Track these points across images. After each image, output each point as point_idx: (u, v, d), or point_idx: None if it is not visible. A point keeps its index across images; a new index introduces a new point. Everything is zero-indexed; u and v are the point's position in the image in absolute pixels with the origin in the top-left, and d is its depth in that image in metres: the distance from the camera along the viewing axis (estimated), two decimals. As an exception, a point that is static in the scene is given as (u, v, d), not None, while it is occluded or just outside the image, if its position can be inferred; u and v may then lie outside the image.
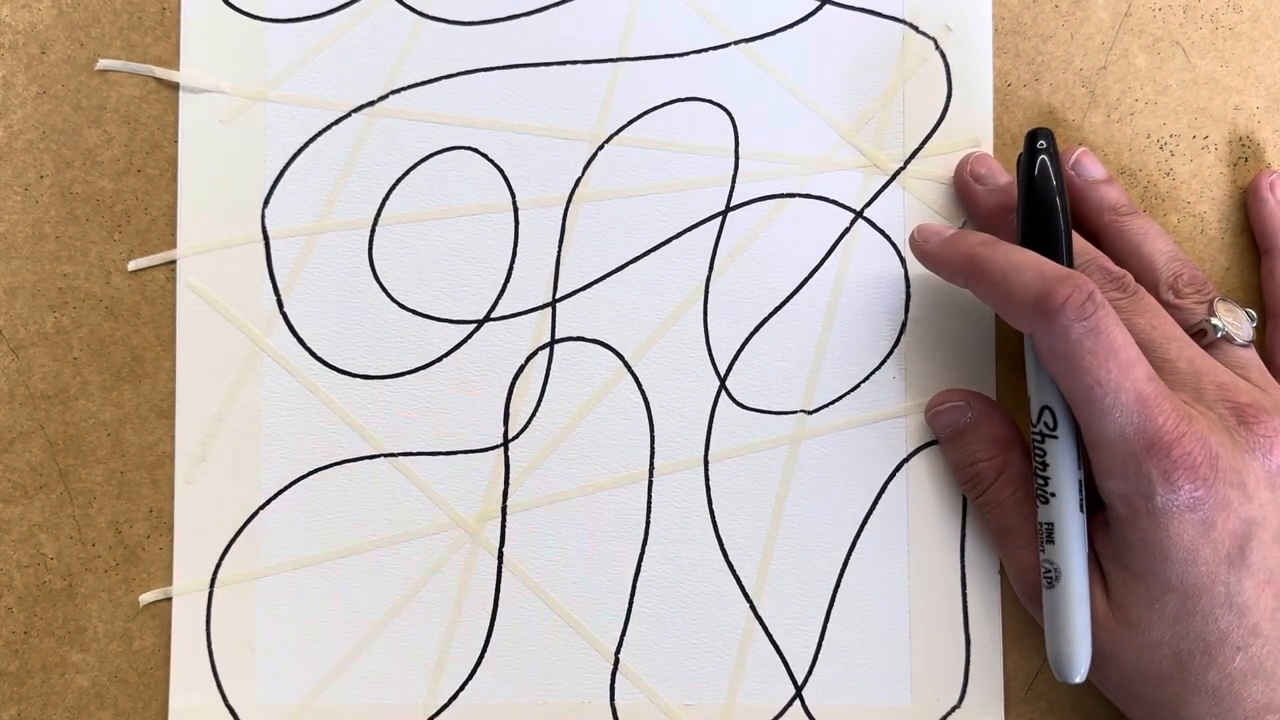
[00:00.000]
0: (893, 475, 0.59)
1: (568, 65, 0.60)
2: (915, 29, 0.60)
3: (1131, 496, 0.50)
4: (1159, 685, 0.51)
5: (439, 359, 0.59)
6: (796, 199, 0.59)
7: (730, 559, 0.58)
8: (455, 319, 0.59)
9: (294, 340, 0.59)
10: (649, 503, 0.59)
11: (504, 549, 0.58)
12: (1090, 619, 0.52)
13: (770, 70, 0.60)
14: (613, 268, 0.59)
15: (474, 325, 0.59)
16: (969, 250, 0.54)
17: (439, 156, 0.60)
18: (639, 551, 0.58)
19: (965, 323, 0.59)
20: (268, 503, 0.59)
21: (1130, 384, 0.49)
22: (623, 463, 0.59)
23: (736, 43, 0.60)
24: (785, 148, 0.60)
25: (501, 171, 0.59)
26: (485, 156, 0.60)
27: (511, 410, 0.59)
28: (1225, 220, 0.60)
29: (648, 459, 0.59)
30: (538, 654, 0.58)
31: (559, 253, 0.59)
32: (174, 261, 0.59)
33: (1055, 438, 0.52)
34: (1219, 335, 0.54)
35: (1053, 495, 0.52)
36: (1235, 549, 0.49)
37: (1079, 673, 0.51)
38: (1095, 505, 0.53)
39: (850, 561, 0.58)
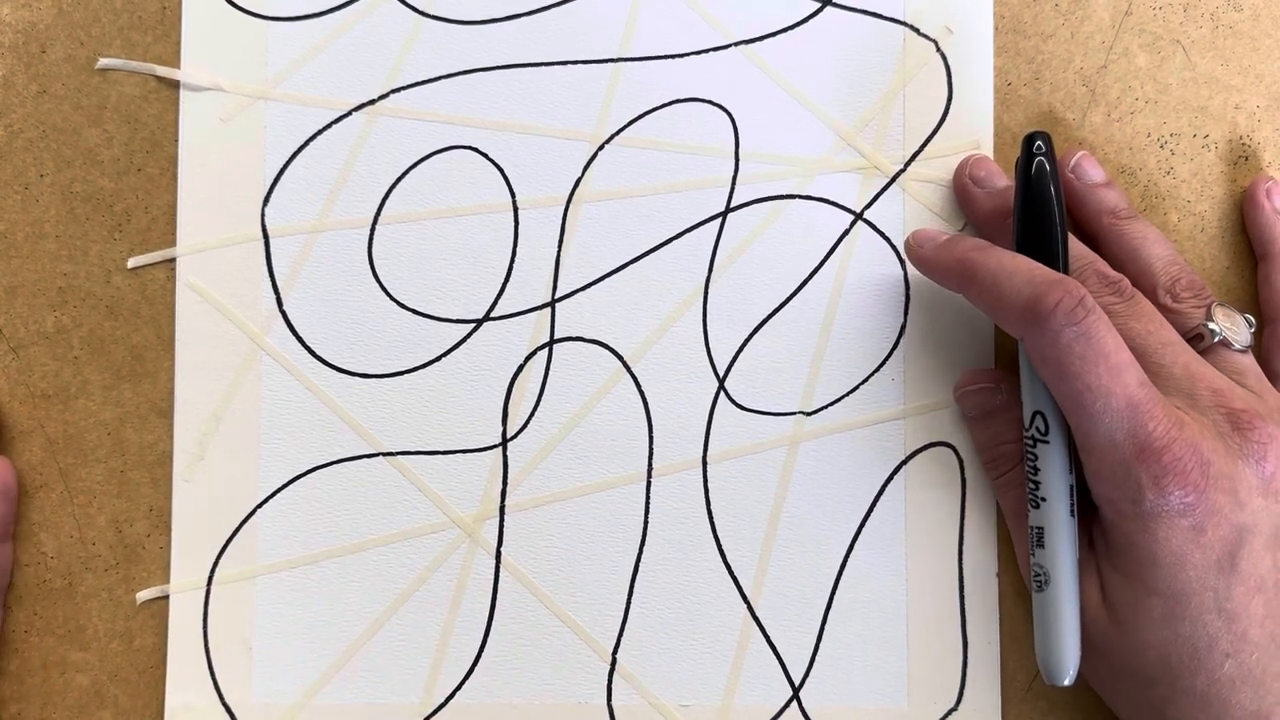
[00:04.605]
0: (891, 477, 0.59)
1: (568, 65, 0.60)
2: (916, 31, 0.60)
3: (1120, 501, 0.50)
4: (1147, 686, 0.51)
5: (438, 358, 0.59)
6: (796, 200, 0.59)
7: (728, 560, 0.59)
8: (454, 318, 0.59)
9: (293, 339, 0.59)
10: (647, 503, 0.59)
11: (502, 548, 0.59)
12: (1083, 616, 0.52)
13: (771, 71, 0.60)
14: (612, 268, 0.59)
15: (473, 325, 0.59)
16: (962, 255, 0.54)
17: (439, 156, 0.60)
18: (637, 552, 0.59)
19: (964, 326, 0.59)
20: (266, 501, 0.59)
21: (1121, 389, 0.49)
22: (621, 463, 0.59)
23: (737, 44, 0.60)
24: (785, 149, 0.60)
25: (501, 171, 0.59)
26: (485, 156, 0.60)
27: (510, 410, 0.59)
28: (1225, 219, 0.60)
29: (646, 459, 0.59)
30: (535, 654, 0.58)
31: (558, 253, 0.59)
32: (174, 260, 0.59)
33: (1047, 443, 0.52)
34: (1216, 340, 0.54)
35: (1043, 500, 0.52)
36: (1225, 555, 0.49)
37: (1067, 676, 0.52)
38: (1094, 505, 0.53)
39: (848, 563, 0.59)
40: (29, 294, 0.58)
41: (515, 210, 0.59)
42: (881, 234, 0.59)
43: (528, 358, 0.59)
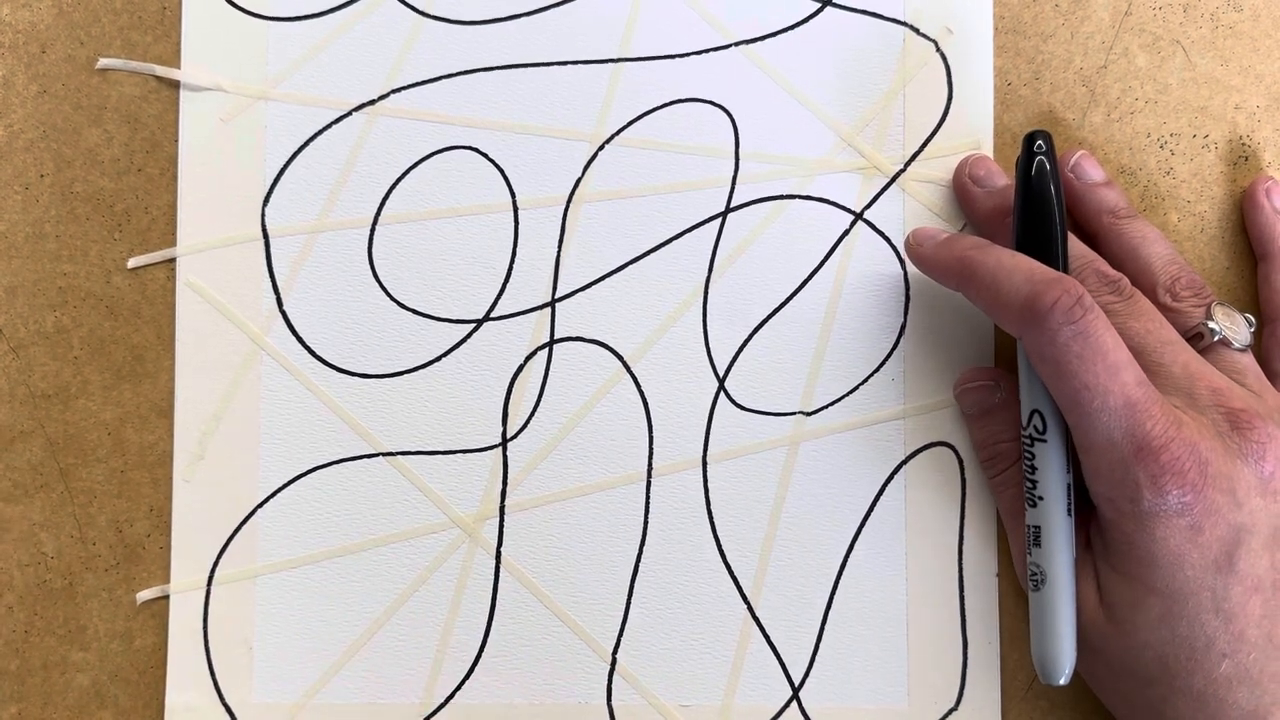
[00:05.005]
0: (891, 477, 0.59)
1: (568, 65, 0.60)
2: (916, 31, 0.60)
3: (1118, 500, 0.50)
4: (1144, 685, 0.51)
5: (438, 358, 0.59)
6: (796, 200, 0.59)
7: (728, 560, 0.59)
8: (454, 318, 0.59)
9: (293, 339, 0.59)
10: (647, 503, 0.59)
11: (502, 549, 0.59)
12: (1079, 616, 0.52)
13: (771, 72, 0.60)
14: (612, 268, 0.59)
15: (473, 325, 0.59)
16: (961, 254, 0.54)
17: (439, 156, 0.60)
18: (637, 552, 0.59)
19: (964, 326, 0.59)
20: (266, 501, 0.59)
21: (1118, 388, 0.49)
22: (621, 463, 0.59)
23: (737, 44, 0.60)
24: (785, 149, 0.60)
25: (501, 171, 0.59)
26: (485, 156, 0.60)
27: (510, 410, 0.59)
28: (1225, 219, 0.60)
29: (646, 459, 0.59)
30: (535, 654, 0.58)
31: (558, 253, 0.59)
32: (174, 260, 0.59)
33: (1044, 441, 0.52)
34: (1216, 339, 0.54)
35: (1041, 499, 0.52)
36: (1223, 555, 0.49)
37: (1062, 675, 0.52)
38: (1091, 504, 0.53)
39: (848, 563, 0.59)
40: (29, 294, 0.58)
41: (515, 210, 0.59)
42: (881, 234, 0.59)
43: (528, 358, 0.59)
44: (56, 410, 0.58)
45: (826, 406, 0.59)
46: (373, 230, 0.59)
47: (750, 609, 0.58)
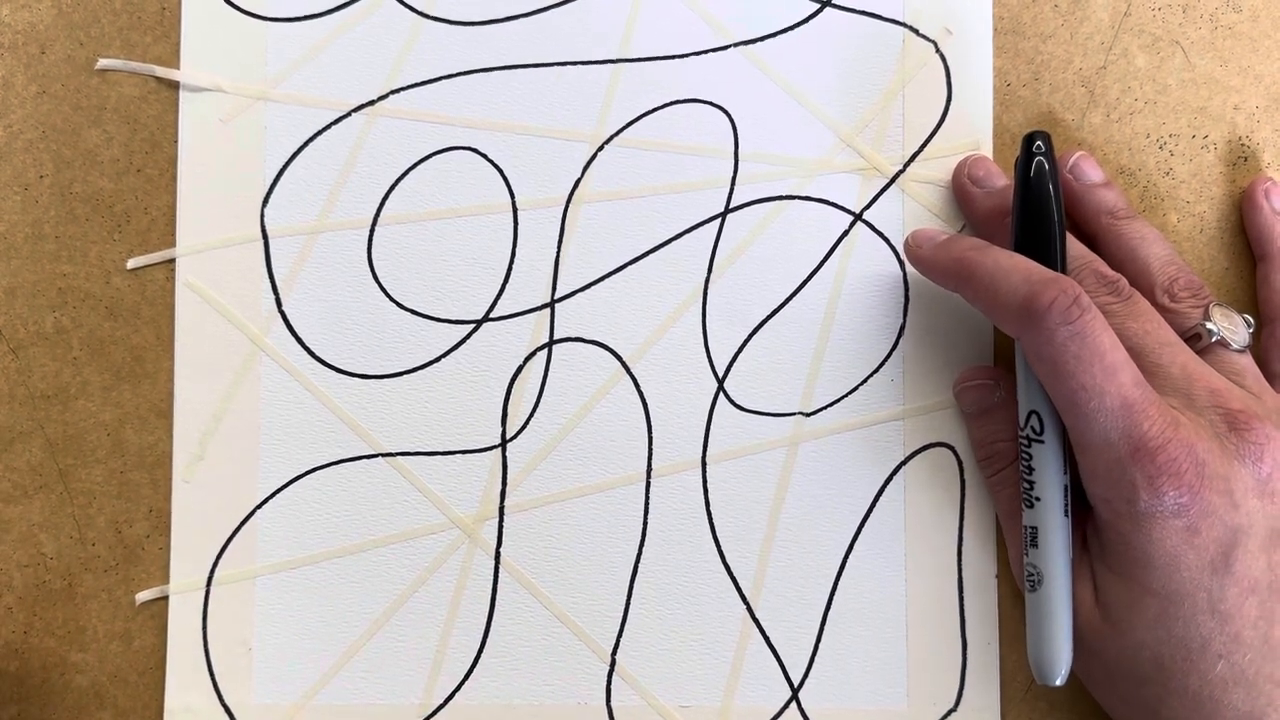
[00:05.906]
0: (890, 478, 0.59)
1: (568, 65, 0.60)
2: (915, 32, 0.60)
3: (1115, 501, 0.50)
4: (1140, 686, 0.51)
5: (437, 359, 0.59)
6: (795, 201, 0.59)
7: (727, 561, 0.59)
8: (454, 319, 0.59)
9: (292, 339, 0.59)
10: (646, 504, 0.59)
11: (501, 549, 0.59)
12: (1075, 617, 0.52)
13: (770, 72, 0.60)
14: (612, 269, 0.59)
15: (472, 325, 0.59)
16: (960, 254, 0.54)
17: (439, 156, 0.60)
18: (636, 553, 0.59)
19: (963, 326, 0.59)
20: (265, 501, 0.59)
21: (1115, 388, 0.49)
22: (620, 464, 0.59)
23: (737, 44, 0.60)
24: (785, 150, 0.60)
25: (501, 172, 0.59)
26: (485, 157, 0.60)
27: (509, 411, 0.59)
28: (1224, 220, 0.60)
29: (645, 460, 0.59)
30: (534, 655, 0.58)
31: (558, 253, 0.59)
32: (173, 260, 0.59)
33: (1042, 442, 0.52)
34: (1214, 340, 0.54)
35: (1038, 500, 0.52)
36: (1219, 556, 0.49)
37: (1058, 676, 0.52)
38: (1087, 504, 0.53)
39: (847, 564, 0.59)
40: (29, 294, 0.58)
41: (515, 211, 0.59)
42: (881, 234, 0.59)
43: (527, 358, 0.59)
44: (56, 411, 0.59)
45: (826, 407, 0.59)
46: (372, 231, 0.59)
47: (750, 609, 0.58)
